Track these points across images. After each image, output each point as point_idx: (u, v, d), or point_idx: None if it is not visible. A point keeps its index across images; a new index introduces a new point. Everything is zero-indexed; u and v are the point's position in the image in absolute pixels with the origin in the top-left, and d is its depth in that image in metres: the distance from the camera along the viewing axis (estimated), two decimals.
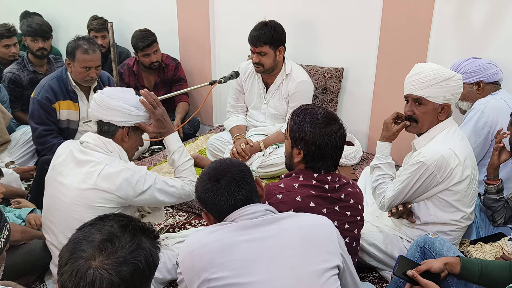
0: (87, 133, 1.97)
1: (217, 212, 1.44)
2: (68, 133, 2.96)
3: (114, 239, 1.02)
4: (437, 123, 2.07)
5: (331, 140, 1.68)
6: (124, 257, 1.00)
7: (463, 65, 2.57)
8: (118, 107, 1.90)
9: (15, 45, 3.64)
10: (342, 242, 1.46)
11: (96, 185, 1.81)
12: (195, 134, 3.87)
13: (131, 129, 1.96)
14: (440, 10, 2.85)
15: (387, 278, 2.19)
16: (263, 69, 2.92)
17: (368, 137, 3.39)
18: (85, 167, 1.85)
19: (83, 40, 2.79)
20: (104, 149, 1.90)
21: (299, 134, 1.71)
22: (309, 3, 3.31)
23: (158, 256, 1.08)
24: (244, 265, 1.30)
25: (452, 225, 2.08)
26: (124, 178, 1.83)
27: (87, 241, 1.01)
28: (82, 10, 4.31)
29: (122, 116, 1.91)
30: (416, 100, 2.06)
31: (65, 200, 1.85)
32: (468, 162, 2.02)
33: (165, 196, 1.97)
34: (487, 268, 1.68)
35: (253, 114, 3.19)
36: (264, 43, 2.83)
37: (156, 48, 3.73)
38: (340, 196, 1.74)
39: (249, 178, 1.46)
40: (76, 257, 0.99)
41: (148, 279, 1.05)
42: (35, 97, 2.85)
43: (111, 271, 0.97)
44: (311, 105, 1.85)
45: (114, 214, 1.11)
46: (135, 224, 1.08)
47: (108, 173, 1.82)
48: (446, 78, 2.00)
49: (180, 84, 3.89)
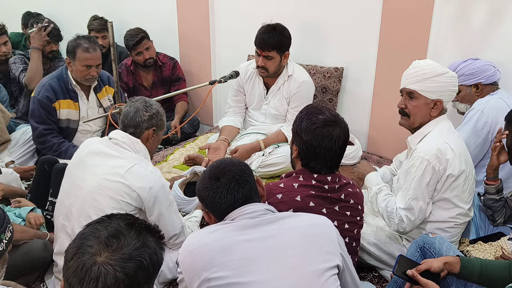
0: (116, 130, 1.99)
1: (217, 211, 1.44)
2: (68, 133, 2.97)
3: (120, 235, 1.03)
4: (429, 119, 2.08)
5: (324, 142, 1.68)
6: (129, 253, 1.01)
7: (461, 67, 2.56)
8: None
9: (5, 44, 3.61)
10: (341, 241, 1.46)
11: (124, 178, 1.85)
12: (195, 133, 3.86)
13: (156, 130, 2.00)
14: (440, 10, 2.85)
15: (387, 277, 2.19)
16: (267, 73, 2.90)
17: (368, 136, 3.39)
18: (114, 160, 1.89)
19: (84, 38, 2.80)
20: (132, 148, 1.94)
21: (296, 129, 1.74)
22: (309, 3, 3.31)
23: (162, 256, 1.09)
24: (244, 264, 1.31)
25: (450, 222, 2.09)
26: (149, 182, 1.87)
27: (94, 237, 1.03)
28: (82, 10, 4.30)
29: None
30: (409, 93, 2.08)
31: (87, 187, 1.88)
32: (463, 158, 2.03)
33: (172, 221, 2.00)
34: (486, 267, 1.69)
35: (253, 114, 3.19)
36: (272, 48, 2.80)
37: (147, 45, 3.70)
38: (340, 196, 1.74)
39: (249, 177, 1.46)
40: (82, 252, 1.01)
41: (152, 278, 1.06)
42: (36, 96, 2.85)
43: (116, 267, 0.99)
44: (321, 106, 1.87)
45: (121, 214, 1.13)
46: (141, 223, 1.10)
47: (137, 171, 1.87)
48: (439, 74, 2.02)
49: (179, 83, 3.88)
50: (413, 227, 2.07)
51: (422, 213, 2.04)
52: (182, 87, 3.80)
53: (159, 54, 3.87)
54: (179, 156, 3.19)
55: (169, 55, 3.92)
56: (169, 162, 3.11)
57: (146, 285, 1.04)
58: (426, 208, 2.04)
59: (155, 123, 2.00)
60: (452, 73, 2.07)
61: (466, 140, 2.46)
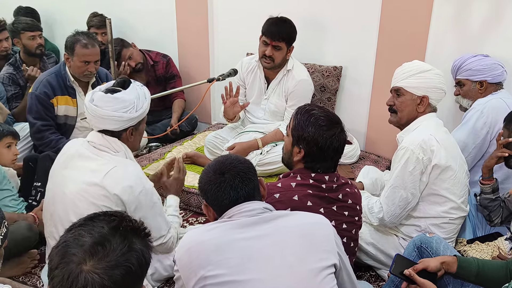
0: (92, 132, 1.92)
1: (218, 206, 1.43)
2: (66, 129, 2.96)
3: (105, 242, 1.00)
4: (416, 115, 2.15)
5: (333, 143, 1.69)
6: (116, 260, 0.99)
7: (470, 61, 2.57)
8: (108, 116, 1.80)
9: (6, 40, 3.56)
10: (339, 240, 1.46)
11: (102, 182, 1.79)
12: (192, 131, 3.86)
13: (134, 127, 1.91)
14: (439, 9, 2.85)
15: (384, 277, 2.20)
16: (273, 64, 2.92)
17: (366, 135, 3.40)
18: (93, 163, 1.84)
19: (82, 34, 2.79)
20: (111, 149, 1.87)
21: (302, 133, 1.72)
22: (307, 2, 3.31)
23: (150, 255, 1.07)
24: (241, 263, 1.30)
25: (444, 218, 2.10)
26: (129, 184, 1.81)
27: (78, 244, 1.00)
28: (79, 6, 4.28)
29: (115, 124, 1.84)
30: (396, 90, 2.18)
31: (68, 193, 1.84)
32: (450, 152, 2.07)
33: (157, 223, 1.93)
34: (483, 267, 1.69)
35: (252, 109, 3.18)
36: (283, 39, 2.85)
37: (128, 54, 3.65)
38: (338, 196, 1.74)
39: (253, 175, 1.46)
40: (67, 261, 0.98)
41: (141, 278, 1.05)
42: (33, 92, 2.84)
43: (103, 275, 0.96)
44: (316, 105, 1.86)
45: (104, 213, 1.09)
46: (126, 225, 1.06)
47: (115, 174, 1.80)
48: (424, 70, 2.12)
49: (174, 81, 3.83)
50: (395, 218, 2.10)
51: (404, 202, 2.07)
52: (178, 85, 3.77)
53: (151, 52, 3.81)
54: (176, 154, 3.18)
55: (162, 53, 3.86)
56: (167, 160, 3.10)
57: (136, 285, 1.03)
58: (408, 198, 2.06)
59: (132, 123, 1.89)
60: (437, 70, 2.15)
61: (465, 140, 2.47)
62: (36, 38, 3.49)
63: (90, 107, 1.83)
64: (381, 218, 2.12)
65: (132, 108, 1.84)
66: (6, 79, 3.42)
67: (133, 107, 1.84)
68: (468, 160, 2.40)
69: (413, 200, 2.07)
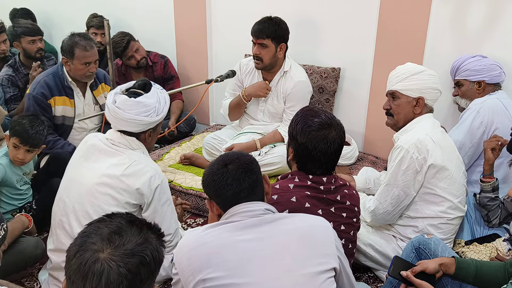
0: (111, 130, 1.97)
1: (221, 199, 1.43)
2: (63, 130, 2.95)
3: (122, 232, 1.04)
4: (413, 117, 2.17)
5: (320, 144, 1.68)
6: (132, 249, 1.02)
7: (468, 62, 2.59)
8: (130, 119, 1.86)
9: (4, 42, 3.55)
10: (339, 243, 1.46)
11: (123, 176, 1.85)
12: (191, 132, 3.85)
13: (153, 129, 1.98)
14: (437, 10, 2.86)
15: (382, 278, 2.20)
16: (262, 64, 2.90)
17: (365, 137, 3.40)
18: (115, 158, 1.89)
19: (79, 36, 2.79)
20: (129, 147, 1.92)
21: (292, 132, 1.75)
22: (306, 3, 3.31)
23: (163, 253, 1.10)
24: (240, 265, 1.30)
25: (441, 218, 2.10)
26: (150, 175, 1.87)
27: (96, 234, 1.04)
28: (77, 7, 4.28)
29: (136, 126, 1.90)
30: (392, 94, 2.20)
31: (86, 184, 1.87)
32: (446, 153, 2.08)
33: (167, 220, 1.99)
34: (481, 268, 1.69)
35: (251, 111, 3.18)
36: (267, 36, 2.83)
37: (135, 47, 3.64)
38: (336, 198, 1.73)
39: (257, 168, 1.47)
40: (85, 249, 1.01)
41: (154, 274, 1.07)
42: (31, 93, 2.84)
43: (119, 263, 0.99)
44: (318, 107, 1.87)
45: (121, 213, 1.13)
46: (142, 220, 1.11)
47: (136, 168, 1.87)
48: (417, 72, 2.14)
49: (172, 82, 3.82)
50: (387, 215, 2.12)
51: (396, 200, 2.08)
52: (176, 86, 3.77)
53: (150, 53, 3.81)
54: (175, 155, 3.18)
55: (160, 53, 3.86)
56: (164, 161, 3.11)
57: (148, 281, 1.04)
58: (400, 196, 2.08)
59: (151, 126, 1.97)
60: (430, 71, 2.16)
61: (462, 139, 2.48)
62: (36, 42, 3.48)
63: (113, 109, 1.87)
64: (373, 213, 2.15)
65: (153, 112, 1.90)
66: (5, 80, 3.41)
67: (154, 111, 1.90)
68: (465, 159, 2.43)
69: (405, 199, 2.09)
